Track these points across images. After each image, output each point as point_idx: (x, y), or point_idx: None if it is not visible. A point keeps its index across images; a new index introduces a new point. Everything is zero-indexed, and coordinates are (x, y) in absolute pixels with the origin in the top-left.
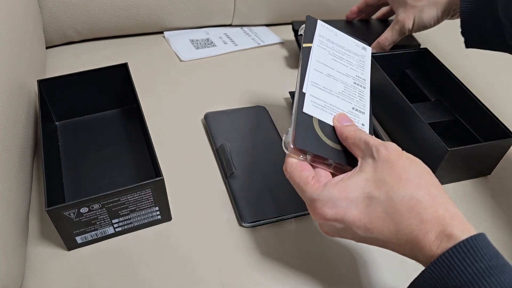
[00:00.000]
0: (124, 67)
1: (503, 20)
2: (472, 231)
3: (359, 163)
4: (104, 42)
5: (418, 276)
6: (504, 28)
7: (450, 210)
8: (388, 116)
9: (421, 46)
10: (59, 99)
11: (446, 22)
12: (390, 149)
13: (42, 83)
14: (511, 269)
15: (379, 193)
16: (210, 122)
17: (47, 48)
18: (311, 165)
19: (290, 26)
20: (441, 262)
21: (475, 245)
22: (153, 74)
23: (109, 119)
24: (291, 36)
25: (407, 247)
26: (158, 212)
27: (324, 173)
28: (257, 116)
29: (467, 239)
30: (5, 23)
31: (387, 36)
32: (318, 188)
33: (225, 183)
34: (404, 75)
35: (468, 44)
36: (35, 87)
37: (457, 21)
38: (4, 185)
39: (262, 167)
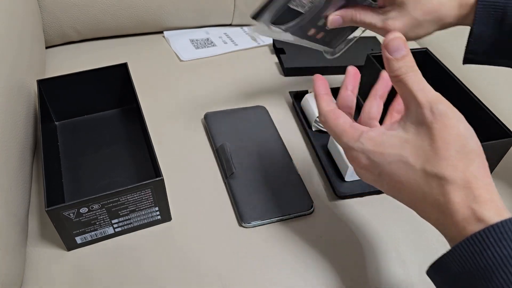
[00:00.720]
0: (124, 67)
1: None
2: (507, 216)
3: (403, 118)
4: (104, 42)
5: (448, 253)
6: None
7: (484, 196)
8: None
9: (421, 46)
10: (59, 99)
11: None
12: (439, 113)
13: (42, 83)
14: None
15: (414, 159)
16: (210, 122)
17: (47, 48)
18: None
19: None
20: (475, 241)
21: (510, 229)
22: (153, 74)
23: (109, 119)
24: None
25: (433, 216)
26: (158, 212)
27: (359, 124)
28: (257, 116)
29: (503, 222)
30: (5, 23)
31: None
32: (354, 138)
33: (225, 183)
34: None
35: (468, 61)
36: (35, 87)
37: None
38: (4, 185)
39: (262, 167)
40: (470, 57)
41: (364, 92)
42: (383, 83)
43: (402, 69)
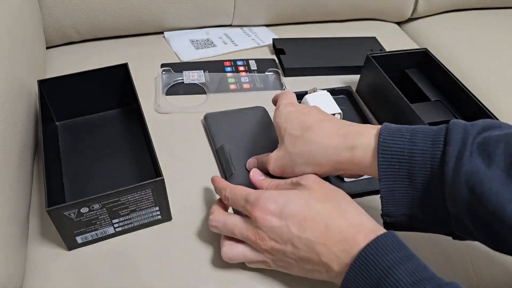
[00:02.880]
0: (124, 67)
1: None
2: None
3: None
4: (104, 42)
5: (344, 278)
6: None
7: (369, 220)
8: (388, 116)
9: (421, 47)
10: (59, 99)
11: (446, 22)
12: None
13: (42, 83)
14: (416, 258)
15: (314, 198)
16: (210, 123)
17: (47, 48)
18: None
19: (290, 26)
20: (360, 259)
21: (384, 242)
22: (153, 74)
23: (109, 119)
24: (291, 35)
25: (335, 247)
26: (158, 212)
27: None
28: (257, 117)
29: (377, 238)
30: (5, 23)
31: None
32: (260, 191)
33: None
34: (404, 75)
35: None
36: (35, 87)
37: (457, 22)
38: (5, 185)
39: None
40: (389, 221)
41: (363, 92)
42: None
43: (266, 183)
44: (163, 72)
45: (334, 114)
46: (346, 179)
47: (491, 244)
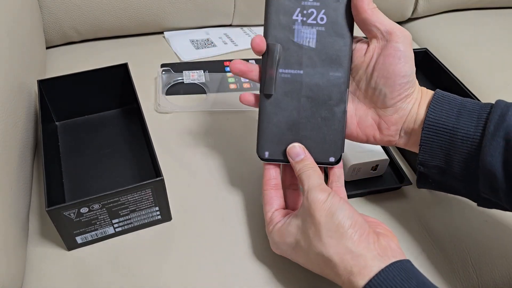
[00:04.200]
0: (124, 67)
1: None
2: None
3: (301, 205)
4: (104, 42)
5: None
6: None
7: (357, 263)
8: None
9: (421, 47)
10: (59, 99)
11: (446, 22)
12: (310, 200)
13: (42, 83)
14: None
15: (304, 242)
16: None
17: (47, 48)
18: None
19: None
20: None
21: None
22: (153, 74)
23: (109, 119)
24: None
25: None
26: (158, 212)
27: (280, 214)
28: None
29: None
30: (5, 23)
31: None
32: (269, 229)
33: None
34: None
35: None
36: (35, 87)
37: (457, 22)
38: (4, 185)
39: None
40: (422, 171)
41: None
42: (288, 176)
43: (301, 169)
44: (163, 72)
45: None
46: (346, 179)
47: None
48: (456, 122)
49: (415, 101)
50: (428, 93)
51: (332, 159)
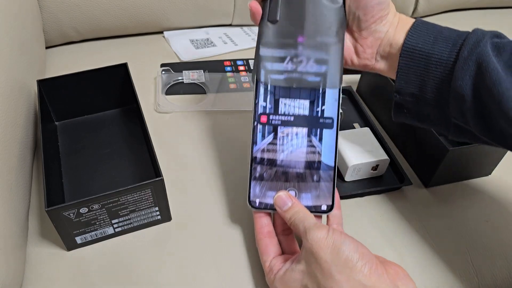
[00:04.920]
0: (124, 67)
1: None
2: None
3: (301, 250)
4: (104, 42)
5: None
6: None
7: None
8: (388, 116)
9: None
10: (59, 99)
11: (446, 22)
12: (311, 240)
13: (42, 83)
14: None
15: (312, 285)
16: None
17: (47, 48)
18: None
19: None
20: None
21: None
22: (153, 74)
23: (109, 119)
24: None
25: None
26: (158, 212)
27: (278, 261)
28: None
29: None
30: (5, 23)
31: None
32: (270, 278)
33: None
34: None
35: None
36: (35, 87)
37: (457, 21)
38: (4, 185)
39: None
40: (398, 100)
41: (364, 92)
42: (279, 222)
43: (292, 216)
44: (163, 72)
45: None
46: (346, 179)
47: (481, 130)
48: (431, 47)
49: (391, 24)
50: (409, 21)
51: (324, 207)
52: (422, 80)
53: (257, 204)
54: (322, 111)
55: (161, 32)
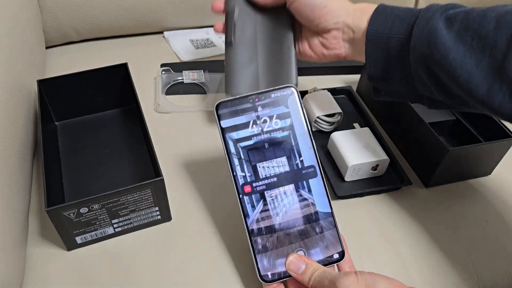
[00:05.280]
0: (124, 67)
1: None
2: None
3: None
4: (104, 42)
5: None
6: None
7: None
8: (388, 117)
9: None
10: (59, 99)
11: None
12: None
13: (42, 83)
14: None
15: None
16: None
17: (47, 48)
18: None
19: None
20: None
21: None
22: (153, 74)
23: (109, 119)
24: None
25: None
26: (158, 212)
27: None
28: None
29: None
30: (5, 23)
31: None
32: None
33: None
34: None
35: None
36: (35, 87)
37: None
38: (4, 185)
39: None
40: (373, 84)
41: (364, 92)
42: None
43: (312, 275)
44: (163, 72)
45: (334, 114)
46: (346, 179)
47: (445, 99)
48: (389, 30)
49: (341, 13)
50: (371, 7)
51: (336, 256)
52: (387, 63)
53: (269, 277)
54: (302, 161)
55: (161, 32)
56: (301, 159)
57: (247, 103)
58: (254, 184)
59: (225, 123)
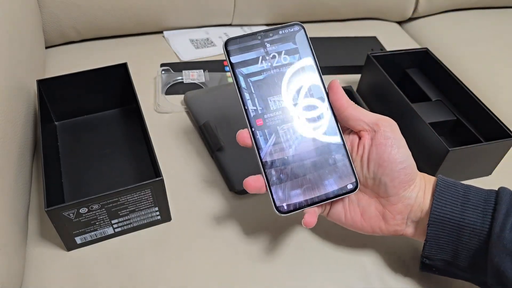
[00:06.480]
0: (123, 67)
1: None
2: None
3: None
4: (104, 42)
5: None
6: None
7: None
8: (389, 116)
9: (422, 46)
10: (59, 99)
11: (446, 21)
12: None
13: (41, 83)
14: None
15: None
16: (191, 102)
17: (46, 48)
18: None
19: None
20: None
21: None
22: (153, 74)
23: (109, 119)
24: None
25: None
26: (157, 213)
27: None
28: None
29: None
30: (4, 23)
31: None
32: None
33: (212, 157)
34: (405, 75)
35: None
36: (34, 87)
37: (457, 21)
38: (4, 185)
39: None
40: (427, 262)
41: (364, 92)
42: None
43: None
44: (163, 72)
45: None
46: None
47: None
48: (461, 217)
49: (419, 189)
50: (431, 180)
51: (350, 186)
52: (455, 249)
53: (285, 208)
54: (311, 95)
55: (161, 32)
56: (310, 92)
57: (255, 40)
58: (265, 116)
59: (235, 58)
